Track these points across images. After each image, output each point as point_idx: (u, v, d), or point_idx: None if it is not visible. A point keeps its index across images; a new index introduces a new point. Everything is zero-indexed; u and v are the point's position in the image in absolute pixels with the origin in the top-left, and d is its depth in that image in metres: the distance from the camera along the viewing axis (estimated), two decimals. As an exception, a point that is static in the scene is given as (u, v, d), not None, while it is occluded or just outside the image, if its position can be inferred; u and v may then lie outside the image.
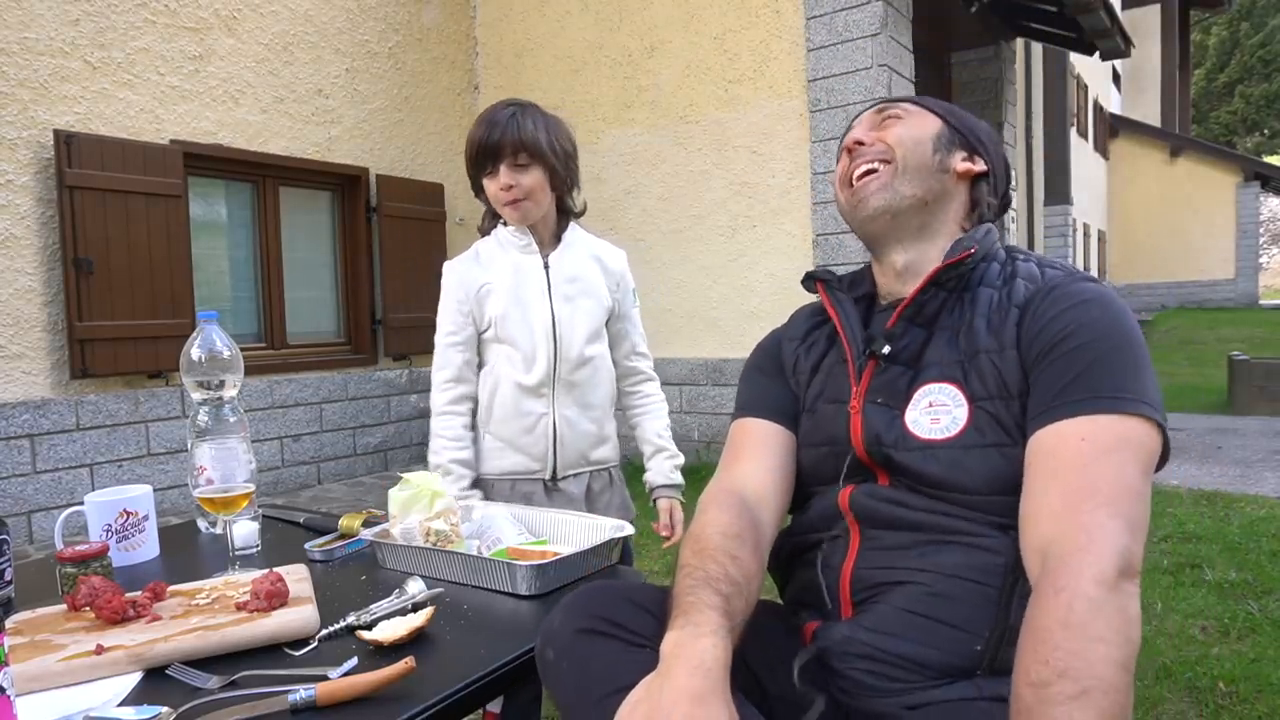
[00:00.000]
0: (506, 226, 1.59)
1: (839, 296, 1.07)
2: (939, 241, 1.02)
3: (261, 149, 4.61)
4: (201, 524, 1.47)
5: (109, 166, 3.87)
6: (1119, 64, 18.28)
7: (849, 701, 0.89)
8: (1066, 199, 11.66)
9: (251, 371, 4.33)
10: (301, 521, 1.47)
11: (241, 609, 0.95)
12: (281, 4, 4.69)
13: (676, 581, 0.86)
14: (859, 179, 1.03)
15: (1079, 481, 0.78)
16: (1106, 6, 6.16)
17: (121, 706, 0.78)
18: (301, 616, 0.93)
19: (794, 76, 4.50)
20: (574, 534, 1.25)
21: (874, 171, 1.02)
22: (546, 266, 1.57)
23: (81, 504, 1.29)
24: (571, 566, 1.11)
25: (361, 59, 5.14)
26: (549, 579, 1.07)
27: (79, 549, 1.12)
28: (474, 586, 1.10)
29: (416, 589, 1.00)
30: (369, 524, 1.33)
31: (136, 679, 0.83)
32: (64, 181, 3.73)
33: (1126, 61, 17.25)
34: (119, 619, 0.93)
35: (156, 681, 0.84)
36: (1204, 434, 5.57)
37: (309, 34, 4.84)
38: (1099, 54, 7.16)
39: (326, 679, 0.80)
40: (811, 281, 1.10)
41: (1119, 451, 0.79)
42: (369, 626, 0.92)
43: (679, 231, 5.03)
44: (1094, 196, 15.66)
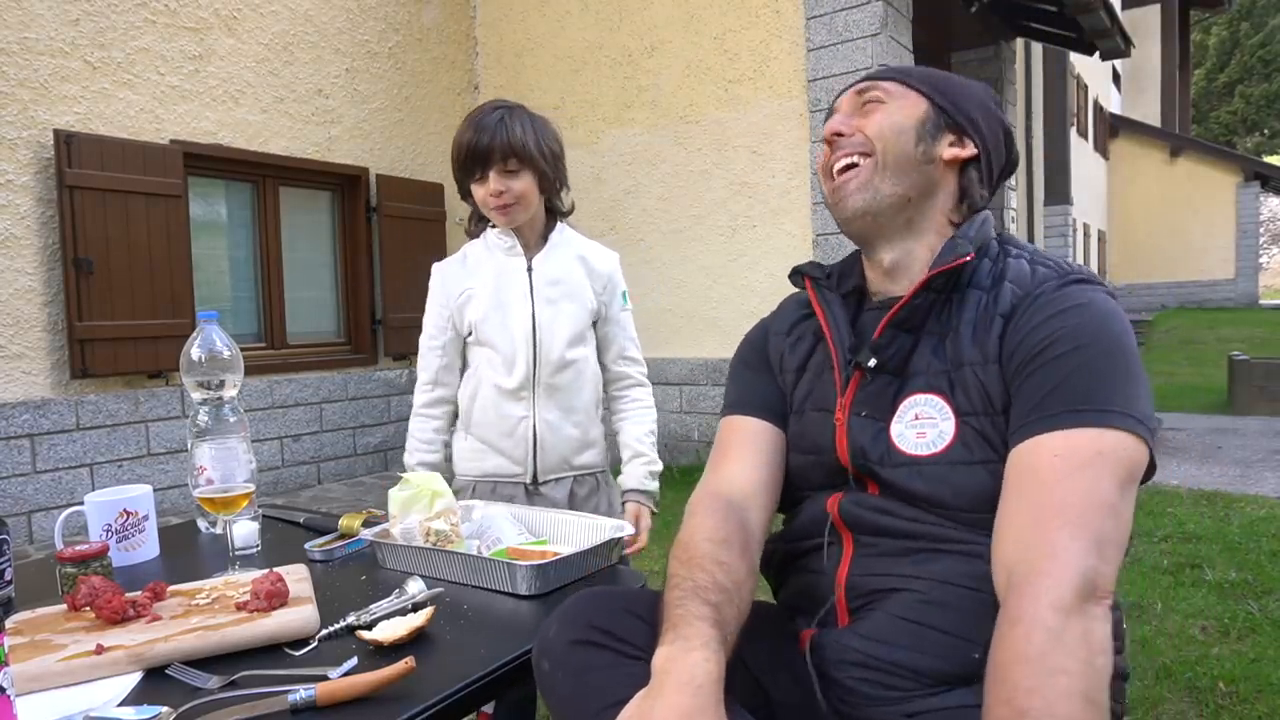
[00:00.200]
0: (494, 229, 1.58)
1: (827, 296, 1.04)
2: (926, 238, 0.99)
3: (261, 149, 4.61)
4: (201, 524, 1.47)
5: (109, 166, 3.87)
6: (1119, 64, 18.27)
7: (848, 711, 0.88)
8: (1066, 199, 11.66)
9: (251, 371, 4.33)
10: (301, 521, 1.47)
11: (241, 609, 0.95)
12: (281, 4, 4.69)
13: (665, 593, 0.85)
14: (839, 173, 0.99)
15: (1046, 500, 0.77)
16: (1106, 6, 6.16)
17: (121, 706, 0.78)
18: (301, 616, 0.93)
19: (794, 76, 4.50)
20: (574, 534, 1.25)
21: (854, 166, 0.98)
22: (530, 269, 1.56)
23: (81, 504, 1.29)
24: (571, 566, 1.10)
25: (361, 59, 5.14)
26: (549, 579, 1.07)
27: (79, 549, 1.11)
28: (474, 586, 1.10)
29: (416, 589, 0.99)
30: (369, 524, 1.33)
31: (136, 679, 0.83)
32: (64, 181, 3.73)
33: (1126, 61, 17.25)
34: (119, 619, 0.93)
35: (156, 681, 0.84)
36: (1204, 434, 5.57)
37: (309, 34, 4.84)
38: (1099, 54, 7.17)
39: (326, 679, 0.80)
40: (799, 277, 1.08)
41: (1092, 467, 0.77)
42: (369, 626, 0.92)
43: (679, 231, 5.03)
44: (1094, 196, 15.65)
